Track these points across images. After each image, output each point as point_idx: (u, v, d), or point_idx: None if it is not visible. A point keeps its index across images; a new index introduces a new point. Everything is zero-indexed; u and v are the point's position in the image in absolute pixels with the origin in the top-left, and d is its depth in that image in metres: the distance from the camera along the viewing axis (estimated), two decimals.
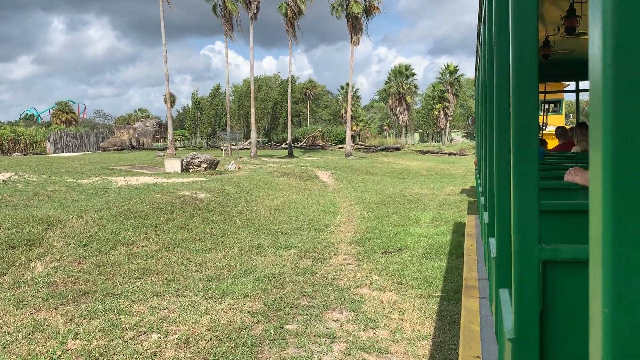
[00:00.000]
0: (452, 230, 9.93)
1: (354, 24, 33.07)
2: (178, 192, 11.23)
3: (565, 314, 1.65)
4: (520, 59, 1.48)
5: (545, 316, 1.64)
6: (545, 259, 1.60)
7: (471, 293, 3.42)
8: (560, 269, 1.63)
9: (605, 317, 0.49)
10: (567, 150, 6.55)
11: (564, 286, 1.64)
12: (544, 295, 1.64)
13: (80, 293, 5.57)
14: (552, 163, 4.83)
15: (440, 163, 30.44)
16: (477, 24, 4.64)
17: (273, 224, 10.23)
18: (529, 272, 1.53)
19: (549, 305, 1.65)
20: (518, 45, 1.48)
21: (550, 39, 6.39)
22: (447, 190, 16.56)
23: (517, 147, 1.51)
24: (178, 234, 8.43)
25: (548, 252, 1.57)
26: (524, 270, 1.52)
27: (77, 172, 16.54)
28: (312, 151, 43.09)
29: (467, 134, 72.83)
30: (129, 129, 54.38)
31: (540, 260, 1.57)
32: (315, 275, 6.88)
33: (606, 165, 0.49)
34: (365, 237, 9.35)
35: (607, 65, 0.48)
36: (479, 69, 5.74)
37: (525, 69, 1.47)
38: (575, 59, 7.90)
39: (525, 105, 1.49)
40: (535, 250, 1.52)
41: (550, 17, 5.58)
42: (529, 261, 1.52)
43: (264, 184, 15.01)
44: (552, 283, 1.64)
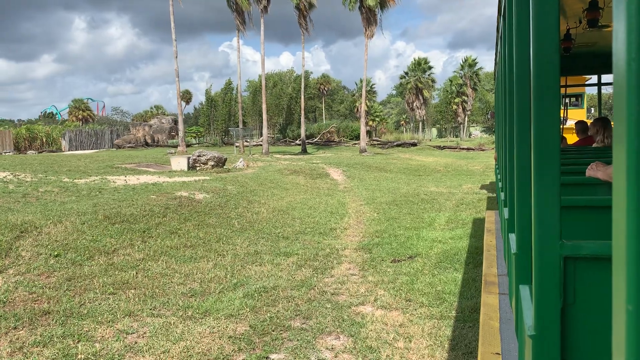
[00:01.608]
0: (470, 234, 9.07)
1: (368, 16, 32.13)
2: (175, 192, 10.54)
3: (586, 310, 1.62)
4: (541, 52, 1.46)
5: (566, 313, 1.61)
6: (567, 255, 1.58)
7: (491, 289, 3.36)
8: (581, 266, 1.61)
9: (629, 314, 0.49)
10: (588, 145, 6.35)
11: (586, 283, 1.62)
12: (565, 291, 1.62)
13: (39, 313, 4.87)
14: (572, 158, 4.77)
15: (458, 159, 29.41)
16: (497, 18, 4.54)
17: (274, 228, 9.48)
18: (550, 268, 1.51)
19: (570, 302, 1.62)
20: (539, 38, 1.46)
21: (572, 31, 6.28)
22: (465, 188, 15.65)
23: (538, 142, 1.49)
24: (167, 240, 7.72)
25: (569, 248, 1.56)
26: (545, 266, 1.51)
27: (78, 170, 15.99)
28: (327, 147, 42.29)
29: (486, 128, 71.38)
30: (144, 126, 54.31)
31: (561, 256, 1.55)
32: (314, 289, 6.11)
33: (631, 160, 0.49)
34: (373, 242, 8.55)
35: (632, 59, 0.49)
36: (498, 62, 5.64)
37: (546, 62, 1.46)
38: (597, 51, 7.77)
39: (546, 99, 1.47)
40: (556, 246, 1.51)
41: (572, 9, 5.48)
42: (549, 257, 1.51)
43: (270, 183, 14.26)
44: (573, 279, 1.62)
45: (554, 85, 1.46)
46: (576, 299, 1.63)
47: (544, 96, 1.47)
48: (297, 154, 33.24)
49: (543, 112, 1.48)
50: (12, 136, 44.84)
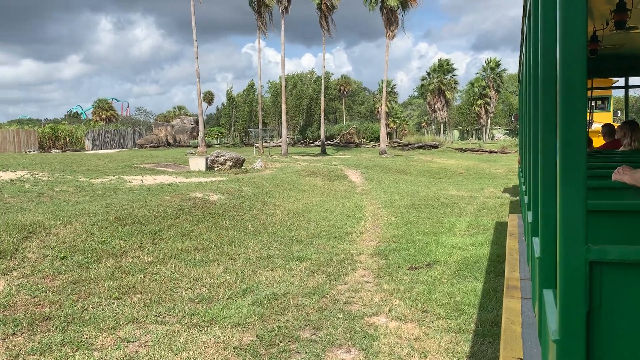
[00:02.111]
0: (491, 240, 8.72)
1: (389, 16, 31.76)
2: (190, 193, 10.39)
3: (613, 315, 1.58)
4: (568, 55, 1.44)
5: (592, 318, 1.57)
6: (592, 260, 1.53)
7: (513, 293, 3.32)
8: (607, 270, 1.56)
9: None
10: (615, 148, 6.30)
11: (612, 287, 1.57)
12: (591, 296, 1.57)
13: (40, 319, 4.71)
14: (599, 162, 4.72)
15: (480, 162, 28.85)
16: (522, 19, 4.50)
17: (289, 231, 9.24)
18: (575, 273, 1.50)
19: (596, 306, 1.58)
20: (565, 40, 1.44)
21: (598, 33, 6.20)
22: (487, 192, 15.23)
23: (564, 145, 1.46)
24: (178, 243, 7.54)
25: (595, 253, 1.52)
26: (570, 270, 1.50)
27: (96, 170, 16.01)
28: (346, 149, 41.99)
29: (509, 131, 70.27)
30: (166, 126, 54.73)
31: (587, 260, 1.51)
32: (326, 296, 5.85)
33: None
34: (390, 247, 8.26)
35: None
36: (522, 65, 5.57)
37: (573, 65, 1.43)
38: (624, 53, 7.69)
39: (573, 102, 1.45)
40: (581, 250, 1.48)
41: (599, 10, 5.41)
42: (575, 262, 1.49)
43: (286, 185, 14.05)
44: (599, 284, 1.57)
45: (581, 87, 1.44)
46: (602, 304, 1.60)
47: (571, 99, 1.45)
48: (316, 155, 33.02)
49: (569, 115, 1.45)
50: (37, 135, 45.55)
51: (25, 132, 44.53)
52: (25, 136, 44.10)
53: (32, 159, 19.86)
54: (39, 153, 36.64)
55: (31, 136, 44.62)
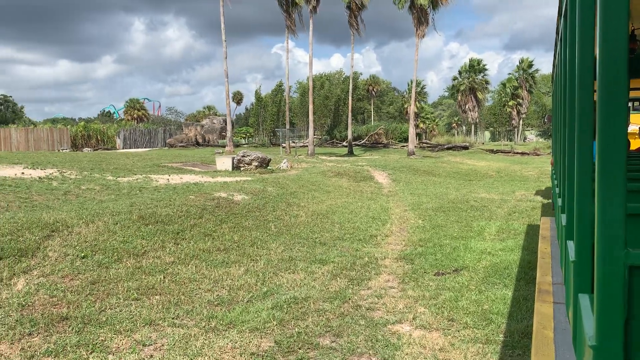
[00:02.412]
0: (522, 245, 8.39)
1: (419, 15, 31.34)
2: (214, 193, 10.33)
3: None
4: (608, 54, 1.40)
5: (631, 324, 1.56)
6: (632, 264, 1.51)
7: (545, 298, 3.27)
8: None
9: None
10: None
11: None
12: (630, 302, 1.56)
13: (57, 319, 4.66)
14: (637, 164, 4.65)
15: (512, 164, 28.21)
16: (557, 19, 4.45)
17: (312, 232, 9.08)
18: (614, 277, 1.45)
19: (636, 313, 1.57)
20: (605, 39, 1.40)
21: (637, 32, 6.16)
22: (518, 195, 14.80)
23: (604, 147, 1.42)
24: (200, 243, 7.46)
25: (635, 257, 1.50)
26: (608, 275, 1.45)
27: (124, 169, 16.16)
28: (374, 149, 41.66)
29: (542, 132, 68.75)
30: (196, 126, 55.36)
31: (626, 265, 1.47)
32: (348, 302, 5.67)
33: None
34: (416, 251, 8.02)
35: None
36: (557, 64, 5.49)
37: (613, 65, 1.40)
38: None
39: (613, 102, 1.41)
40: (620, 254, 1.44)
41: (637, 9, 5.35)
42: (613, 266, 1.45)
43: (311, 185, 13.90)
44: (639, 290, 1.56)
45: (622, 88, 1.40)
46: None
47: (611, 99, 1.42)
48: (343, 155, 32.82)
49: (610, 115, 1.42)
50: (69, 134, 46.54)
51: (58, 131, 45.54)
52: (58, 135, 45.10)
53: (63, 157, 20.21)
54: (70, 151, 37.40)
55: (64, 135, 45.61)
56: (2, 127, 46.73)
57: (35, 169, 13.59)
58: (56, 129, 46.46)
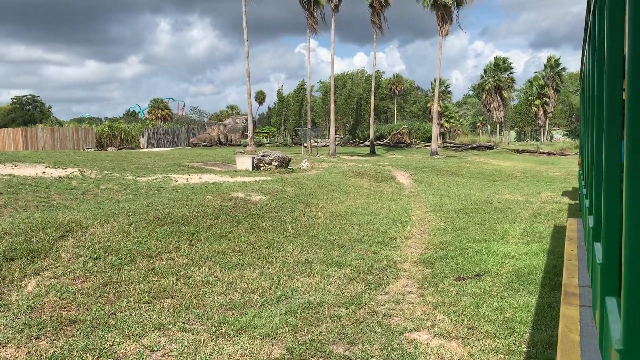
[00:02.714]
0: (548, 249, 8.08)
1: (443, 13, 30.91)
2: (232, 193, 10.24)
3: None
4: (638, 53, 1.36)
5: None
6: None
7: (571, 300, 3.23)
8: None
9: None
10: None
11: None
12: None
13: (65, 322, 4.58)
14: None
15: (538, 164, 27.61)
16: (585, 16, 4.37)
17: (330, 234, 8.91)
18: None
19: None
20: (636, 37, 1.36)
21: None
22: (544, 197, 14.39)
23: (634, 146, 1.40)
24: (215, 244, 7.35)
25: None
26: (636, 278, 1.42)
27: (145, 168, 16.22)
28: (397, 149, 41.29)
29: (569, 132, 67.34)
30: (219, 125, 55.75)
31: None
32: (364, 307, 5.48)
33: None
34: (436, 255, 7.78)
35: None
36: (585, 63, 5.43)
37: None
38: None
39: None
40: None
41: None
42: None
43: (331, 186, 13.72)
44: None
45: None
46: None
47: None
48: (365, 155, 32.57)
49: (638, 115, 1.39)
50: (94, 134, 47.22)
51: (83, 130, 46.23)
52: (83, 134, 45.77)
53: (86, 156, 20.41)
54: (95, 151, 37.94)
55: (89, 134, 46.28)
56: (29, 127, 47.64)
57: (57, 168, 13.70)
58: (81, 129, 47.16)
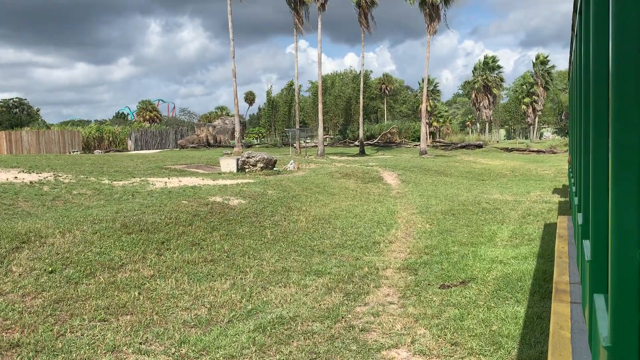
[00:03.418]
0: (537, 253, 7.73)
1: (430, 12, 30.61)
2: (209, 197, 9.80)
3: None
4: (622, 50, 1.39)
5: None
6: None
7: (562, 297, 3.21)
8: None
9: None
10: None
11: None
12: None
13: (6, 347, 4.14)
14: None
15: (527, 162, 27.37)
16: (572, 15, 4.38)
17: (311, 239, 8.50)
18: (628, 278, 1.45)
19: None
20: (619, 36, 1.39)
21: None
22: (533, 196, 14.07)
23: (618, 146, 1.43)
24: (186, 253, 6.92)
25: None
26: (623, 275, 1.45)
27: (125, 171, 15.73)
28: (387, 149, 40.99)
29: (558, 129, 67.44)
30: (208, 126, 55.39)
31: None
32: (340, 321, 5.08)
33: None
34: (421, 260, 7.40)
35: None
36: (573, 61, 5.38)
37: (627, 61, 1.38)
38: None
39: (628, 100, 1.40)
40: (635, 254, 1.44)
41: None
42: (628, 266, 1.44)
43: (315, 188, 13.32)
44: None
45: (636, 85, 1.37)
46: None
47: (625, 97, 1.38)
48: (355, 155, 32.22)
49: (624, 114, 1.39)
50: (81, 136, 46.50)
51: (69, 133, 45.50)
52: (69, 137, 45.06)
53: (67, 160, 19.87)
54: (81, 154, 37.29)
55: (75, 137, 45.56)
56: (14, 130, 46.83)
57: (31, 172, 13.20)
58: (67, 131, 46.41)
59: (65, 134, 45.49)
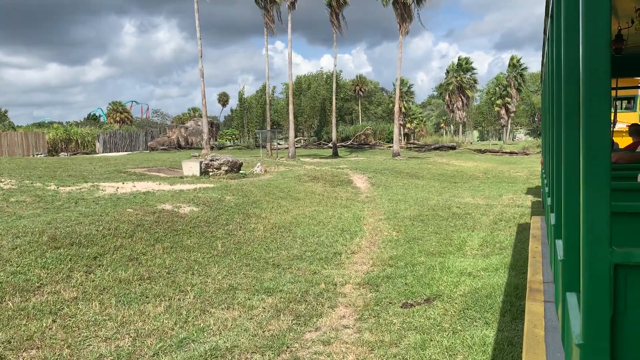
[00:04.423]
0: (509, 264, 7.18)
1: (402, 11, 30.18)
2: (158, 205, 9.03)
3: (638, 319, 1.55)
4: (591, 54, 1.41)
5: (616, 322, 1.55)
6: (617, 263, 1.52)
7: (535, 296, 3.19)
8: (633, 274, 1.54)
9: None
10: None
11: (638, 291, 1.54)
12: (615, 300, 1.55)
13: None
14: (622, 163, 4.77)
15: (500, 164, 27.11)
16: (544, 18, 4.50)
17: (267, 251, 7.81)
18: (599, 276, 1.47)
19: (621, 310, 1.55)
20: (588, 39, 1.42)
21: (623, 32, 6.13)
22: (505, 200, 13.61)
23: (587, 146, 1.44)
24: (120, 270, 6.16)
25: (620, 256, 1.51)
26: (594, 273, 1.47)
27: (79, 176, 14.80)
28: (361, 150, 40.50)
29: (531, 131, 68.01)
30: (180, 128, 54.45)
31: (612, 263, 1.49)
32: (285, 352, 4.41)
33: None
34: (384, 274, 6.77)
35: None
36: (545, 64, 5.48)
37: (596, 64, 1.41)
38: None
39: (596, 102, 1.43)
40: (606, 253, 1.46)
41: (623, 9, 5.40)
42: (599, 264, 1.47)
43: (279, 192, 12.61)
44: (624, 288, 1.55)
45: (604, 87, 1.41)
46: (627, 308, 1.53)
47: (594, 99, 1.41)
48: (328, 157, 31.60)
49: (592, 115, 1.41)
50: (46, 138, 44.90)
51: (33, 135, 43.90)
52: (33, 139, 43.45)
53: (21, 163, 18.77)
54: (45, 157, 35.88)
55: (40, 139, 43.96)
56: None
57: None
58: (31, 133, 44.76)
59: (29, 136, 43.88)
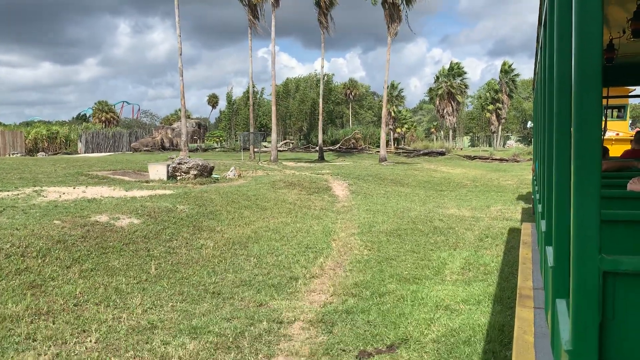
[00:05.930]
0: (494, 294, 6.04)
1: (391, 12, 29.13)
2: (92, 216, 7.81)
3: (626, 327, 1.58)
4: (583, 63, 1.44)
5: (605, 328, 1.57)
6: (606, 270, 1.54)
7: (525, 303, 3.20)
8: (621, 281, 1.56)
9: None
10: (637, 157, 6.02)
11: (626, 299, 1.57)
12: (604, 307, 1.57)
13: None
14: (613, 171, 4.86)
15: (489, 171, 26.07)
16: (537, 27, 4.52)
17: (210, 274, 6.62)
18: (588, 283, 1.49)
19: (609, 317, 1.58)
20: (581, 48, 1.44)
21: (615, 41, 6.17)
22: (493, 212, 12.50)
23: (578, 154, 1.46)
24: (10, 303, 4.94)
25: (609, 263, 1.52)
26: (583, 280, 1.49)
27: (31, 179, 13.55)
28: (348, 155, 39.38)
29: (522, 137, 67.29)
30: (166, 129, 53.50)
31: (601, 271, 1.51)
32: None
33: None
34: (343, 307, 5.60)
35: None
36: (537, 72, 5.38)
37: (588, 73, 1.43)
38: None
39: (588, 111, 1.44)
40: (595, 260, 1.48)
41: (615, 19, 5.44)
42: (588, 271, 1.48)
43: (245, 201, 11.41)
44: (612, 295, 1.57)
45: (596, 96, 1.44)
46: (615, 315, 1.56)
47: (585, 107, 1.43)
48: (313, 161, 30.44)
49: (584, 123, 1.43)
50: (24, 137, 43.44)
51: (10, 134, 42.44)
52: (10, 138, 42.00)
53: None
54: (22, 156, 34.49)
55: (17, 138, 42.51)
56: None
57: None
58: (8, 132, 43.31)
59: (6, 134, 42.41)
